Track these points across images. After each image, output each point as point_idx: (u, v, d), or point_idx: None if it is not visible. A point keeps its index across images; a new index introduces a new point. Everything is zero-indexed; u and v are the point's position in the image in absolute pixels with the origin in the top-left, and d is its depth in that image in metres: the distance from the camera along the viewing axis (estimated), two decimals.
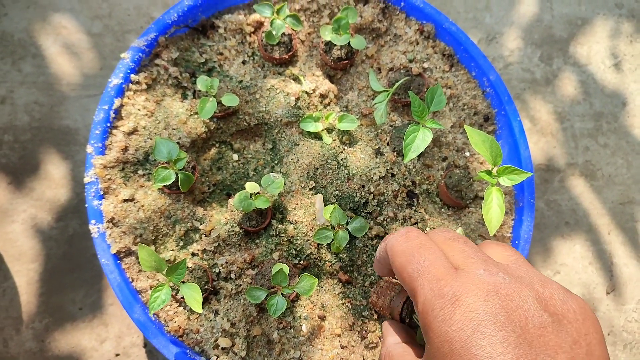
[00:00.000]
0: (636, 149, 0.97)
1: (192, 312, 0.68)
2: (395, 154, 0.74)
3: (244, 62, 0.77)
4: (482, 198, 0.76)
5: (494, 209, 0.63)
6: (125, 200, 0.69)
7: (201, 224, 0.70)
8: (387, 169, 0.74)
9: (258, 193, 0.68)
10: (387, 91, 0.73)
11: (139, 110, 0.72)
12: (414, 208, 0.73)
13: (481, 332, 0.38)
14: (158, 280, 0.68)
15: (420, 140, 0.66)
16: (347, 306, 0.70)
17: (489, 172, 0.65)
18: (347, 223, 0.69)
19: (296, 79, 0.77)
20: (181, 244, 0.70)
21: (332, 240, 0.68)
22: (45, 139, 0.86)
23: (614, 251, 0.93)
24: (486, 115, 0.79)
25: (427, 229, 0.73)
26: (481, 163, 0.78)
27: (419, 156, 0.75)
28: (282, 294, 0.63)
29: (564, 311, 0.40)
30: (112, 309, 0.81)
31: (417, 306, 0.43)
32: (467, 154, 0.78)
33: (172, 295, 0.67)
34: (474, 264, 0.43)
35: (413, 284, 0.43)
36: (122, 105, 0.71)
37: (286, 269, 0.63)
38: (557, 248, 0.92)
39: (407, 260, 0.45)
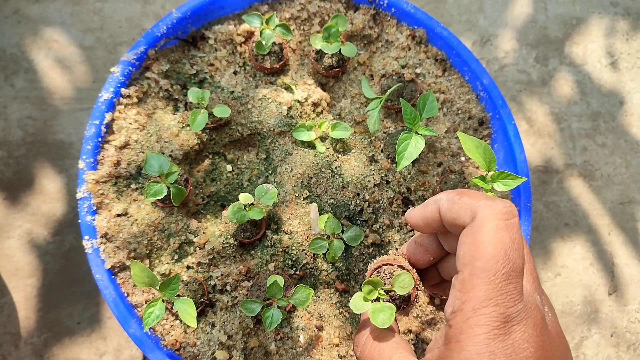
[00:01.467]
0: (635, 147, 0.96)
1: (188, 325, 0.67)
2: (389, 161, 0.74)
3: (235, 73, 0.76)
4: None
5: None
6: (118, 215, 0.69)
7: (195, 237, 0.69)
8: (381, 176, 0.73)
9: (252, 204, 0.67)
10: (380, 98, 0.73)
11: (130, 124, 0.71)
12: None
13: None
14: (153, 294, 0.68)
15: (412, 147, 0.65)
16: (344, 315, 0.70)
17: (483, 178, 0.65)
18: (342, 232, 0.68)
19: (288, 88, 0.76)
20: (176, 257, 0.69)
21: (328, 250, 0.68)
22: (40, 154, 0.85)
23: (615, 252, 0.92)
24: (480, 119, 0.78)
25: None
26: (477, 168, 0.77)
27: (413, 162, 0.75)
28: (277, 306, 0.62)
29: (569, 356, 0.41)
30: (111, 322, 0.81)
31: (464, 304, 0.39)
32: (462, 158, 0.77)
33: (167, 309, 0.66)
34: (534, 285, 0.42)
35: (479, 280, 0.38)
36: (113, 120, 0.71)
37: (281, 280, 0.63)
38: (557, 250, 0.91)
39: (495, 252, 0.39)
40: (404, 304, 0.52)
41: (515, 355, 0.37)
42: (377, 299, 0.50)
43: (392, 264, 0.52)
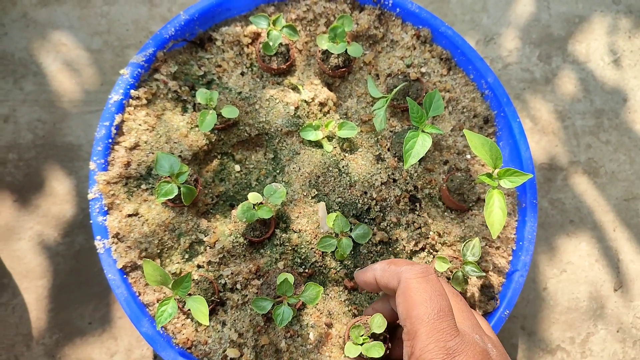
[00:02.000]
0: (638, 144, 0.97)
1: (200, 323, 0.68)
2: (396, 159, 0.75)
3: (242, 74, 0.77)
4: (484, 200, 0.76)
5: (495, 212, 0.64)
6: (129, 215, 0.69)
7: (205, 236, 0.70)
8: (388, 175, 0.74)
9: (261, 203, 0.68)
10: (386, 97, 0.73)
11: (140, 125, 0.72)
12: (417, 213, 0.74)
13: None
14: (165, 293, 0.69)
15: (419, 145, 0.66)
16: (353, 313, 0.71)
17: (489, 175, 0.66)
18: (351, 230, 0.69)
19: (295, 89, 0.77)
20: (186, 256, 0.70)
21: (336, 248, 0.69)
22: (49, 156, 0.86)
23: (620, 248, 0.93)
24: (486, 118, 0.79)
25: (431, 232, 0.73)
26: (482, 165, 0.78)
27: (420, 160, 0.75)
28: (288, 303, 0.63)
29: None
30: (121, 322, 0.82)
31: (414, 348, 0.47)
32: (468, 156, 0.78)
33: (179, 307, 0.67)
34: (471, 328, 0.50)
35: (419, 326, 0.47)
36: (123, 121, 0.72)
37: (291, 278, 0.64)
38: (562, 246, 0.92)
39: (422, 301, 0.48)
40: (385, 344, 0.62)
41: None
42: (363, 343, 0.61)
43: (362, 318, 0.65)
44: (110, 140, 0.71)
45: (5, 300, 0.81)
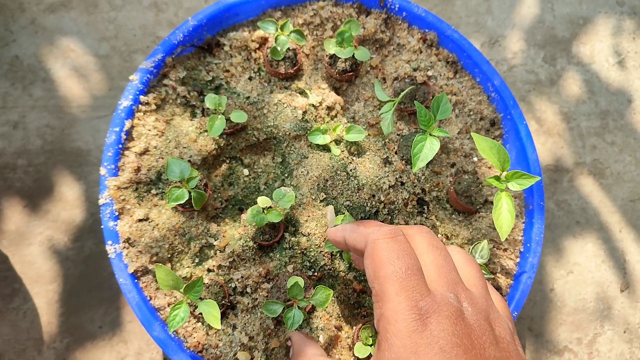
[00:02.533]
0: None
1: (210, 327, 0.69)
2: (403, 162, 0.75)
3: (250, 78, 0.78)
4: (492, 202, 0.76)
5: (504, 215, 0.64)
6: (140, 220, 0.70)
7: (215, 240, 0.71)
8: (396, 178, 0.74)
9: (270, 207, 0.69)
10: (393, 101, 0.74)
11: (149, 130, 0.73)
12: (425, 215, 0.74)
13: (448, 352, 0.41)
14: (175, 297, 0.69)
15: (428, 149, 0.66)
16: (362, 315, 0.71)
17: (497, 178, 0.66)
18: None
19: (302, 93, 0.78)
20: (196, 260, 0.71)
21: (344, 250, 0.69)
22: (58, 162, 0.87)
23: (626, 248, 0.93)
24: (492, 120, 0.79)
25: (439, 235, 0.74)
26: (489, 167, 0.78)
27: (427, 163, 0.76)
28: (298, 306, 0.64)
29: (510, 350, 0.45)
30: (131, 326, 0.82)
31: (383, 309, 0.44)
32: (475, 159, 0.78)
33: (190, 311, 0.68)
34: (446, 286, 0.47)
35: (387, 286, 0.45)
36: (132, 127, 0.73)
37: (301, 281, 0.64)
38: (569, 248, 0.92)
39: (389, 260, 0.46)
40: None
41: (434, 343, 0.41)
42: (372, 344, 0.63)
43: (371, 319, 0.65)
44: (120, 146, 0.71)
45: (17, 305, 0.82)
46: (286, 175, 0.76)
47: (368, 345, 0.65)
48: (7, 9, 0.92)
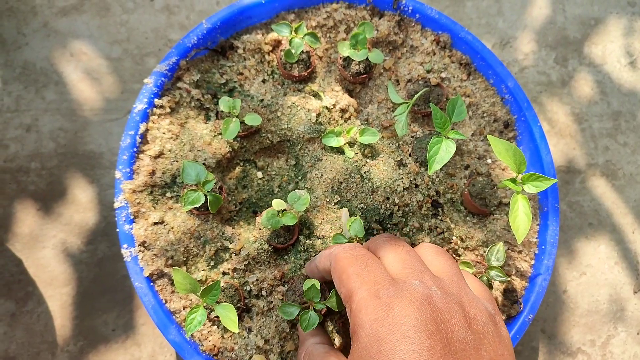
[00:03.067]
0: None
1: (226, 330, 0.69)
2: (417, 164, 0.75)
3: (264, 81, 0.78)
4: (506, 204, 0.76)
5: (520, 217, 0.64)
6: (155, 223, 0.70)
7: (230, 243, 0.71)
8: (410, 180, 0.74)
9: (285, 210, 0.68)
10: (407, 103, 0.74)
11: (164, 133, 0.73)
12: (439, 217, 0.74)
13: (410, 337, 0.42)
14: (191, 300, 0.69)
15: (443, 151, 0.66)
16: None
17: (513, 180, 0.66)
18: (373, 235, 0.69)
19: (316, 95, 0.78)
20: (212, 263, 0.71)
21: None
22: (71, 164, 0.87)
23: (639, 250, 0.93)
24: (506, 122, 0.79)
25: (454, 237, 0.73)
26: (503, 169, 0.78)
27: (441, 166, 0.76)
28: (314, 309, 0.64)
29: (485, 332, 0.45)
30: (144, 329, 0.83)
31: (351, 305, 0.46)
32: (489, 161, 0.78)
33: (206, 315, 0.68)
34: (411, 274, 0.48)
35: (351, 285, 0.47)
36: (147, 130, 0.73)
37: (317, 284, 0.64)
38: (581, 249, 0.92)
39: (349, 263, 0.49)
40: None
41: (397, 329, 0.42)
42: None
43: None
44: (135, 149, 0.71)
45: (30, 308, 0.82)
46: (300, 177, 0.76)
47: None
48: (20, 13, 0.92)
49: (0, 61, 0.90)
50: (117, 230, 0.69)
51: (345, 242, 0.68)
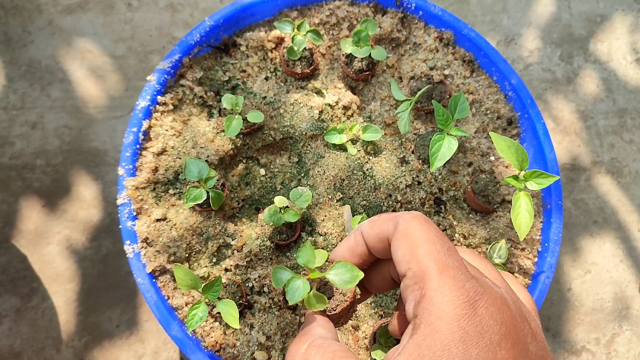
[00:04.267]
0: None
1: (228, 326, 0.69)
2: (420, 161, 0.75)
3: (266, 78, 0.78)
4: (509, 202, 0.76)
5: (522, 214, 0.64)
6: (157, 220, 0.70)
7: (233, 240, 0.71)
8: (413, 177, 0.74)
9: (287, 207, 0.69)
10: (410, 100, 0.74)
11: (167, 130, 0.73)
12: (442, 215, 0.74)
13: (497, 344, 0.38)
14: (193, 297, 0.70)
15: (445, 148, 0.66)
16: (380, 315, 0.71)
17: (515, 177, 0.66)
18: None
19: (319, 92, 0.78)
20: (214, 260, 0.71)
21: None
22: (76, 162, 0.88)
23: None
24: (509, 119, 0.79)
25: (456, 234, 0.73)
26: (506, 167, 0.78)
27: (444, 163, 0.76)
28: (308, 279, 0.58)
29: (545, 347, 0.42)
30: (148, 325, 0.83)
31: (426, 290, 0.40)
32: (492, 158, 0.78)
33: (208, 311, 0.68)
34: (486, 272, 0.44)
35: (428, 264, 0.40)
36: (150, 127, 0.73)
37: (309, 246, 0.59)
38: (586, 247, 0.91)
39: (428, 239, 0.42)
40: None
41: (484, 332, 0.38)
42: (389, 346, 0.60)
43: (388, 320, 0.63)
44: (138, 146, 0.72)
45: (36, 303, 0.82)
46: (302, 175, 0.76)
47: (386, 347, 0.64)
48: (25, 11, 0.93)
49: (6, 59, 0.91)
50: (120, 226, 0.70)
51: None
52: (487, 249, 0.73)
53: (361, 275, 0.48)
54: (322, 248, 0.71)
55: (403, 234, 0.43)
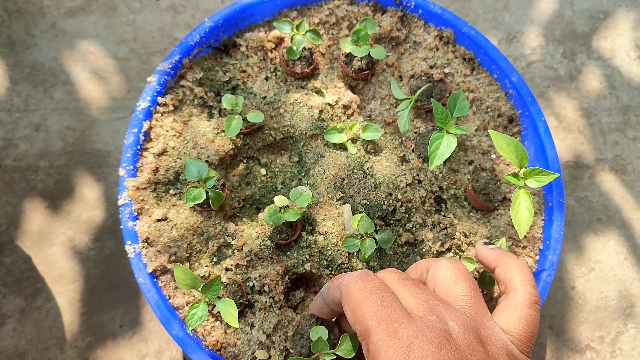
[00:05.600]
0: None
1: (229, 326, 0.69)
2: (420, 160, 0.75)
3: (266, 78, 0.78)
4: (510, 200, 0.76)
5: (522, 212, 0.63)
6: (158, 220, 0.71)
7: (233, 240, 0.71)
8: (413, 176, 0.74)
9: (287, 206, 0.69)
10: (410, 98, 0.74)
11: (167, 131, 0.74)
12: (443, 213, 0.74)
13: None
14: (194, 296, 0.70)
15: (444, 146, 0.66)
16: None
17: (515, 175, 0.66)
18: (376, 232, 0.69)
19: (319, 92, 0.78)
20: (215, 259, 0.71)
21: (359, 250, 0.69)
22: (79, 163, 0.88)
23: None
24: (510, 117, 0.79)
25: (457, 233, 0.73)
26: (508, 165, 0.78)
27: (445, 161, 0.76)
28: None
29: None
30: (151, 325, 0.83)
31: (369, 345, 0.43)
32: (493, 156, 0.78)
33: (208, 310, 0.68)
34: (426, 309, 0.45)
35: (366, 322, 0.44)
36: (150, 128, 0.74)
37: (325, 334, 0.62)
38: (590, 245, 0.91)
39: (363, 298, 0.46)
40: None
41: None
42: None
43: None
44: (138, 147, 0.72)
45: (40, 304, 0.83)
46: (303, 174, 0.76)
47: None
48: (28, 14, 0.94)
49: (10, 62, 0.91)
50: (121, 227, 0.70)
51: (353, 241, 0.68)
52: None
53: (357, 342, 0.57)
54: (323, 247, 0.71)
55: (345, 298, 0.48)
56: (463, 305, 0.48)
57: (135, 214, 0.71)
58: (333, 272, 0.71)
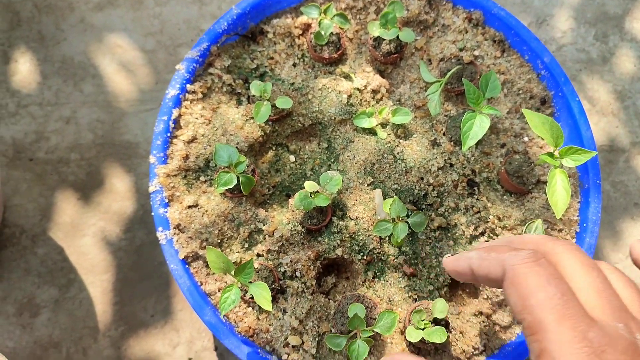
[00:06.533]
0: None
1: (261, 312, 0.69)
2: (452, 143, 0.74)
3: (294, 65, 0.78)
4: (544, 182, 0.74)
5: (559, 192, 0.62)
6: (189, 207, 0.71)
7: (264, 225, 0.71)
8: (445, 160, 0.73)
9: (317, 192, 0.68)
10: (440, 81, 0.73)
11: (196, 118, 0.74)
12: (476, 197, 0.73)
13: None
14: (226, 282, 0.70)
15: (477, 127, 0.65)
16: (413, 299, 0.70)
17: (551, 155, 0.64)
18: (408, 216, 0.68)
19: (347, 77, 0.77)
20: (246, 245, 0.71)
21: (392, 233, 0.68)
22: (109, 155, 0.89)
23: None
24: (543, 99, 0.77)
25: (490, 216, 0.72)
26: (541, 147, 0.76)
27: (476, 144, 0.74)
28: (362, 338, 0.62)
29: None
30: (182, 314, 0.84)
31: (543, 342, 0.38)
32: (526, 139, 0.76)
33: (240, 296, 0.68)
34: (611, 313, 0.39)
35: (542, 315, 0.38)
36: (180, 115, 0.74)
37: (362, 311, 0.62)
38: (627, 230, 0.89)
39: (538, 286, 0.40)
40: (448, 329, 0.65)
41: None
42: (424, 328, 0.63)
43: (423, 303, 0.67)
44: (168, 134, 0.72)
45: (73, 294, 0.84)
46: (332, 160, 0.76)
47: (420, 329, 0.63)
48: (58, 9, 0.95)
49: (40, 57, 0.93)
50: (153, 214, 0.70)
51: (385, 225, 0.67)
52: (522, 231, 0.72)
53: (397, 316, 0.62)
54: (354, 232, 0.70)
55: (512, 281, 0.42)
56: (638, 313, 0.42)
57: (166, 200, 0.71)
58: (365, 258, 0.70)
